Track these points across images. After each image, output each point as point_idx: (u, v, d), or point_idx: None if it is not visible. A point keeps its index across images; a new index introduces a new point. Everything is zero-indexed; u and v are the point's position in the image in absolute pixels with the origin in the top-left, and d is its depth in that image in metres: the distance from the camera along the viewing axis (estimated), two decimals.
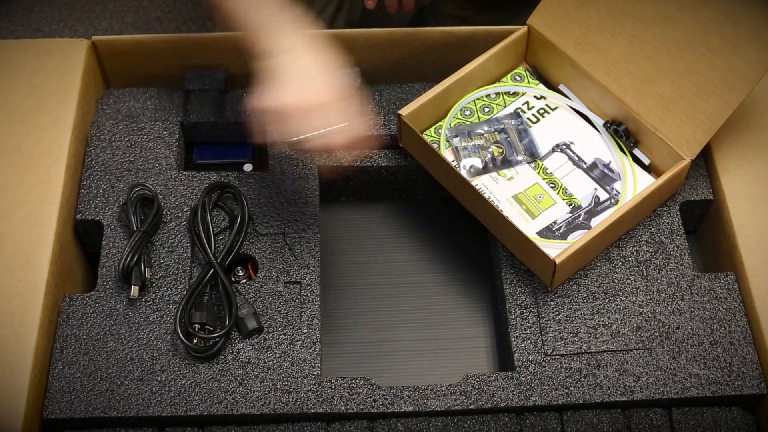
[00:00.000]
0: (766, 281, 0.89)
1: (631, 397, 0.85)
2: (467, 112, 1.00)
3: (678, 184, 0.95)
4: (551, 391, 0.85)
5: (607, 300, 0.90)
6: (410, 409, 0.84)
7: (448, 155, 0.97)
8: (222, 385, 0.85)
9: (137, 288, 0.88)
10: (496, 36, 1.06)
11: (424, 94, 0.97)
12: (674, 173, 0.91)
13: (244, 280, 0.93)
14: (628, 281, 0.91)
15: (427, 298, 0.98)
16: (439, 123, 1.00)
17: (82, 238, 0.97)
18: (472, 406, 0.84)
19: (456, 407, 0.84)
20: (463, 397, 0.85)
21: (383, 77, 1.09)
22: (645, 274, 0.92)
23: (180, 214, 0.95)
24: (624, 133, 0.95)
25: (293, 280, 0.91)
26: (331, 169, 0.97)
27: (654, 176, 0.95)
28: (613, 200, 0.93)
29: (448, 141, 0.98)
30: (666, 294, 0.90)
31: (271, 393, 0.85)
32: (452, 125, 0.99)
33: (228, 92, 1.06)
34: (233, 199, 0.95)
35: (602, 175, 0.95)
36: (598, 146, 0.97)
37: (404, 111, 0.95)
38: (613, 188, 0.94)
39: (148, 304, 0.89)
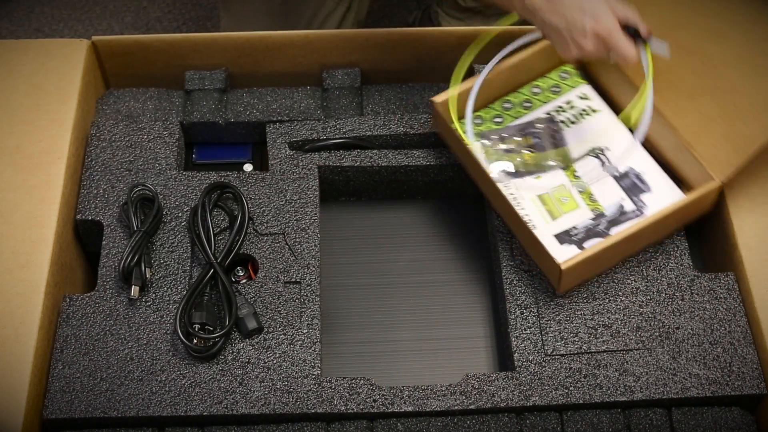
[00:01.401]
0: (766, 281, 0.89)
1: (631, 397, 0.85)
2: (506, 105, 1.00)
3: (706, 205, 0.93)
4: (551, 391, 0.85)
5: (607, 300, 0.90)
6: (410, 409, 0.84)
7: (478, 147, 0.97)
8: (222, 385, 0.85)
9: (137, 288, 0.89)
10: (498, 36, 1.06)
11: (464, 81, 0.96)
12: (703, 193, 0.89)
13: (244, 280, 0.93)
14: (628, 281, 0.91)
15: (427, 298, 0.98)
16: (477, 113, 0.99)
17: (82, 238, 0.97)
18: (472, 406, 0.84)
19: (456, 407, 0.84)
20: (463, 397, 0.85)
21: (383, 77, 1.09)
22: (645, 274, 0.92)
23: (180, 214, 0.95)
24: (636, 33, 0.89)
25: (293, 280, 0.91)
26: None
27: (684, 192, 0.93)
28: (638, 212, 0.92)
29: (478, 136, 0.98)
30: (666, 294, 0.90)
31: (271, 393, 0.85)
32: (489, 116, 0.99)
33: (228, 92, 1.06)
34: (233, 199, 0.95)
35: (632, 185, 0.94)
36: (634, 156, 0.96)
37: (438, 98, 0.94)
38: (640, 200, 0.93)
39: (148, 304, 0.89)
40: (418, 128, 1.01)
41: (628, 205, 0.93)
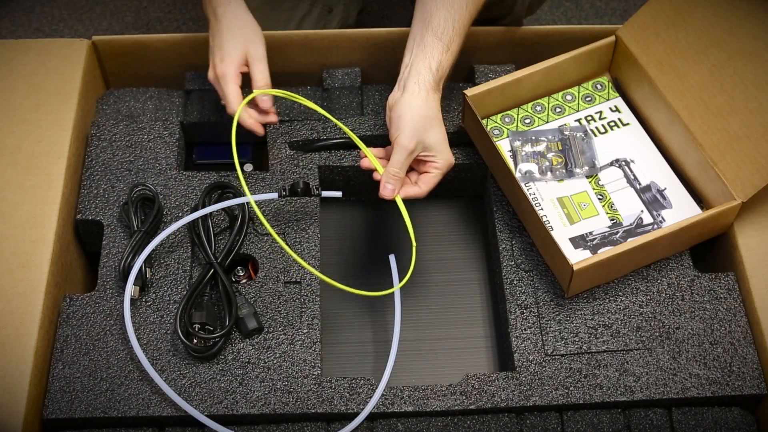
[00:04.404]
0: (766, 281, 0.89)
1: (631, 397, 0.85)
2: (538, 108, 1.01)
3: (725, 224, 0.93)
4: (551, 391, 0.85)
5: (607, 300, 0.90)
6: (410, 409, 0.84)
7: (505, 145, 0.98)
8: (222, 385, 0.85)
9: (137, 288, 0.88)
10: (496, 36, 1.06)
11: (494, 79, 0.97)
12: (722, 211, 0.89)
13: (244, 280, 0.93)
14: (628, 281, 0.91)
15: (427, 298, 0.98)
16: (508, 111, 1.00)
17: (82, 238, 0.97)
18: (472, 406, 0.84)
19: (456, 407, 0.84)
20: (463, 397, 0.85)
21: (383, 77, 1.09)
22: (645, 274, 0.92)
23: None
24: None
25: (293, 280, 0.91)
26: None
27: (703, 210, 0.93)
28: (656, 226, 0.92)
29: (508, 134, 0.99)
30: (666, 294, 0.90)
31: (271, 393, 0.85)
32: (519, 117, 1.00)
33: None
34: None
35: (653, 199, 0.94)
36: (658, 171, 0.96)
37: (470, 92, 0.95)
38: (660, 214, 0.93)
39: (148, 304, 0.89)
40: None
41: (647, 218, 0.93)
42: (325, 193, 0.92)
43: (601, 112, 1.01)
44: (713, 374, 0.86)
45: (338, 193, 0.92)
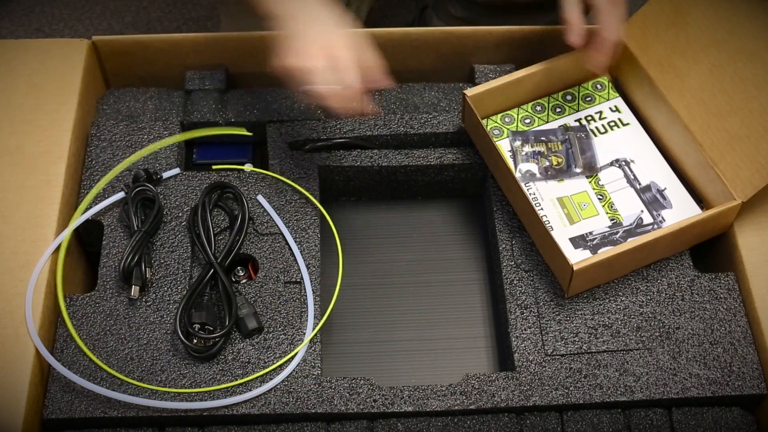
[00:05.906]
0: (766, 281, 0.89)
1: (631, 397, 0.85)
2: (538, 108, 1.01)
3: (725, 224, 0.93)
4: (551, 391, 0.85)
5: (607, 300, 0.90)
6: (410, 409, 0.84)
7: (505, 145, 0.98)
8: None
9: (137, 288, 0.88)
10: (497, 36, 1.06)
11: (494, 79, 0.97)
12: (722, 211, 0.89)
13: (244, 280, 0.93)
14: (628, 281, 0.91)
15: (427, 298, 0.98)
16: (508, 111, 1.00)
17: (82, 238, 0.97)
18: (472, 406, 0.84)
19: (456, 407, 0.84)
20: (463, 397, 0.85)
21: None
22: (645, 274, 0.92)
23: (180, 214, 0.95)
24: None
25: (293, 280, 0.91)
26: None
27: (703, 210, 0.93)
28: (656, 226, 0.92)
29: (508, 134, 0.99)
30: (666, 294, 0.90)
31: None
32: (519, 117, 1.00)
33: (228, 92, 1.06)
34: (233, 199, 0.95)
35: (653, 199, 0.94)
36: (658, 171, 0.96)
37: (470, 92, 0.95)
38: (660, 215, 0.93)
39: (148, 304, 0.89)
40: (418, 128, 1.01)
41: (647, 218, 0.93)
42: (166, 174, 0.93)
43: (601, 112, 1.01)
44: (713, 374, 0.86)
45: (176, 170, 0.94)
